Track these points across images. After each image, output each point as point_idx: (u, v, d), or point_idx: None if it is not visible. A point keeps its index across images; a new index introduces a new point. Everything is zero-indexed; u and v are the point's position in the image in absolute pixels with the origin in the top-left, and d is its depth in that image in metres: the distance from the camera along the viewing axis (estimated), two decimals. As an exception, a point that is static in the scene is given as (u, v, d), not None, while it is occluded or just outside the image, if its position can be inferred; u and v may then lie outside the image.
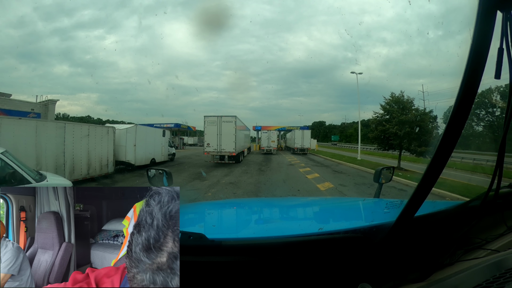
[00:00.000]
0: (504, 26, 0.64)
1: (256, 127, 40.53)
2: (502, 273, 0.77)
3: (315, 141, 37.05)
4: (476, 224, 0.90)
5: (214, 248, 0.83)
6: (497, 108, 24.59)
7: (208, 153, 16.56)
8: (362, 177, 11.67)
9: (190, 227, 1.30)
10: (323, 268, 0.83)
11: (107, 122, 18.32)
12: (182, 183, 9.79)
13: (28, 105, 16.46)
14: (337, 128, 75.82)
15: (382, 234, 0.83)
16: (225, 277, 0.81)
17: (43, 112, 16.73)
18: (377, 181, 2.05)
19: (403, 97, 14.51)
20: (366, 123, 30.37)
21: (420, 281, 0.80)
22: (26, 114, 14.39)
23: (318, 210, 2.03)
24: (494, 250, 0.92)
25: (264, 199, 4.83)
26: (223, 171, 13.12)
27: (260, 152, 30.12)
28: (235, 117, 16.91)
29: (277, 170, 14.82)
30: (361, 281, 0.79)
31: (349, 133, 62.15)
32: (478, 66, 0.60)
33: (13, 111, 13.65)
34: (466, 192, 7.25)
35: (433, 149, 0.67)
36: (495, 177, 0.80)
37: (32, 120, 9.45)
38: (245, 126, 23.78)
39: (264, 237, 1.02)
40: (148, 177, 1.82)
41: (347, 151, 32.60)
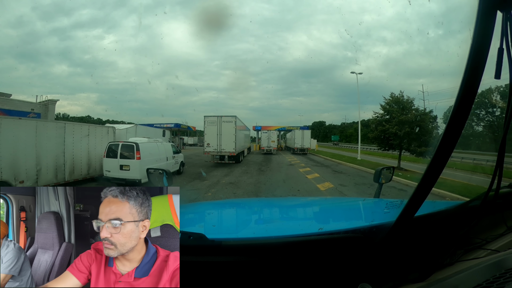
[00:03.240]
0: (504, 26, 0.64)
1: (256, 127, 40.52)
2: (502, 273, 0.77)
3: (315, 141, 37.05)
4: (476, 224, 0.90)
5: (214, 248, 0.83)
6: (497, 108, 24.58)
7: (208, 153, 16.57)
8: (362, 177, 11.67)
9: (190, 227, 1.30)
10: (323, 268, 0.83)
11: (107, 122, 18.36)
12: (182, 183, 9.79)
13: (28, 105, 16.44)
14: (337, 128, 75.82)
15: (382, 234, 0.83)
16: (225, 277, 0.81)
17: (43, 112, 16.72)
18: (377, 181, 2.05)
19: (403, 97, 14.52)
20: (366, 123, 30.35)
21: (420, 281, 0.80)
22: (26, 114, 14.38)
23: (318, 210, 2.03)
24: (494, 250, 0.92)
25: (264, 199, 4.83)
26: (223, 171, 13.12)
27: (260, 152, 30.12)
28: (235, 117, 16.91)
29: (277, 170, 14.82)
30: (361, 281, 0.79)
31: (349, 133, 62.14)
32: (478, 66, 0.60)
33: (13, 111, 13.63)
34: (466, 192, 7.25)
35: (433, 149, 0.67)
36: (495, 177, 0.81)
37: (32, 120, 9.44)
38: (245, 126, 23.77)
39: (264, 237, 1.02)
40: (148, 177, 1.82)
41: (347, 151, 32.59)
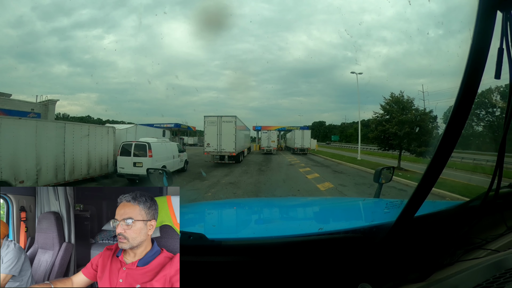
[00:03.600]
0: (504, 26, 0.64)
1: (256, 127, 40.51)
2: (502, 273, 0.77)
3: (315, 141, 37.05)
4: (476, 224, 0.90)
5: (214, 248, 0.83)
6: (497, 108, 24.59)
7: (208, 153, 16.56)
8: (362, 177, 11.67)
9: (190, 227, 1.30)
10: (323, 268, 0.83)
11: (107, 122, 18.35)
12: (182, 183, 9.79)
13: (28, 105, 16.44)
14: (337, 128, 75.78)
15: (382, 234, 0.83)
16: (225, 277, 0.81)
17: (43, 112, 16.72)
18: (377, 181, 2.05)
19: (403, 97, 14.52)
20: (366, 123, 30.36)
21: (420, 281, 0.80)
22: (26, 114, 14.37)
23: (318, 210, 2.03)
24: (494, 250, 0.92)
25: (264, 199, 4.83)
26: (223, 171, 13.13)
27: (260, 152, 30.12)
28: (235, 117, 16.91)
29: (277, 170, 14.82)
30: (361, 281, 0.79)
31: (349, 133, 62.12)
32: (478, 66, 0.60)
33: (13, 111, 13.62)
34: (466, 192, 7.25)
35: (433, 149, 0.67)
36: (495, 177, 0.81)
37: (32, 120, 9.44)
38: (245, 126, 23.77)
39: (264, 237, 1.03)
40: (148, 177, 1.82)
41: (347, 151, 32.60)
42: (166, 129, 19.65)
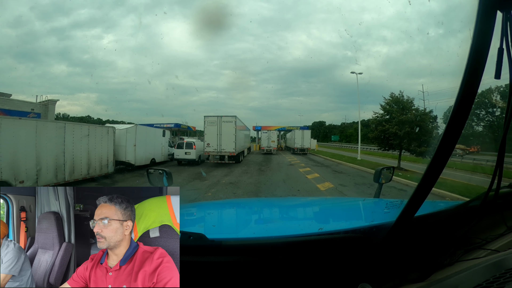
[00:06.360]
0: (504, 26, 0.64)
1: (256, 127, 40.51)
2: (502, 273, 0.77)
3: (315, 141, 37.03)
4: (476, 224, 0.90)
5: (214, 248, 0.83)
6: (497, 108, 24.61)
7: (208, 153, 16.57)
8: (362, 177, 11.67)
9: (190, 227, 1.30)
10: (323, 268, 0.83)
11: (107, 122, 18.33)
12: (182, 183, 9.79)
13: (28, 105, 16.45)
14: (337, 128, 75.72)
15: (382, 234, 0.83)
16: (225, 277, 0.81)
17: (43, 112, 16.72)
18: (377, 181, 2.05)
19: (403, 97, 14.51)
20: (366, 123, 30.32)
21: (420, 281, 0.80)
22: (26, 114, 14.37)
23: (318, 210, 2.03)
24: (494, 250, 0.92)
25: (264, 199, 4.83)
26: (223, 171, 13.13)
27: (260, 152, 30.13)
28: (235, 117, 16.91)
29: (277, 170, 14.82)
30: (361, 281, 0.79)
31: (349, 133, 62.10)
32: (478, 66, 0.60)
33: (13, 111, 13.62)
34: (466, 192, 7.25)
35: (433, 149, 0.67)
36: (495, 177, 0.80)
37: (32, 120, 9.45)
38: (245, 126, 23.77)
39: (264, 237, 1.03)
40: (148, 177, 1.82)
41: (347, 151, 32.60)
42: (166, 129, 19.61)
